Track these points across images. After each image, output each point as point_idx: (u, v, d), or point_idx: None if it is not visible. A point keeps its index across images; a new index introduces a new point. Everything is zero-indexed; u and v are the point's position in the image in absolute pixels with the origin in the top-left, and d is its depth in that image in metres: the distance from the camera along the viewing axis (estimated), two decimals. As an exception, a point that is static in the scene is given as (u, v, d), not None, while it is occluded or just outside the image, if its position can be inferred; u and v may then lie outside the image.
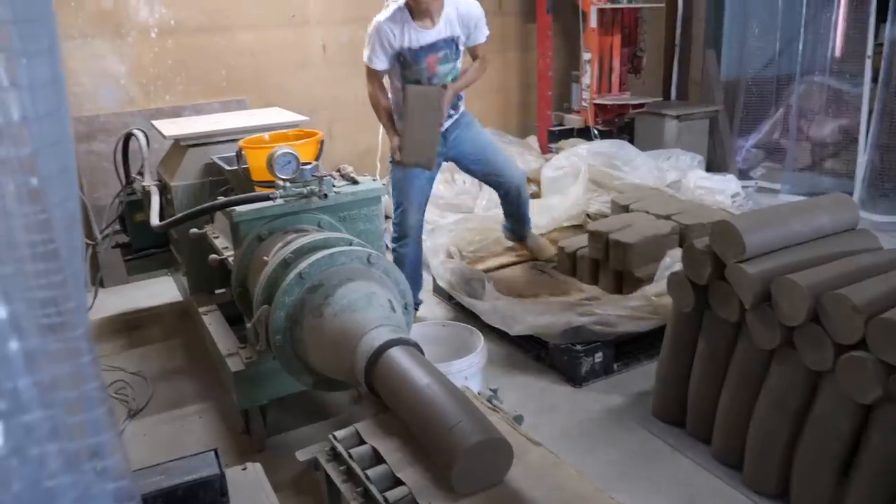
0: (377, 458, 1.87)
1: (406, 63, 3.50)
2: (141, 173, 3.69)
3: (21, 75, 0.59)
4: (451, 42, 3.52)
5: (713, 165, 6.13)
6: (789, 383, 2.37)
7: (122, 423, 3.15)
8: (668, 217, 3.97)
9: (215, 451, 1.56)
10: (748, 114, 6.37)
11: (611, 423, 3.03)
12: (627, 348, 3.45)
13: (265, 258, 2.52)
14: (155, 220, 3.21)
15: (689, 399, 2.85)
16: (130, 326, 4.18)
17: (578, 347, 3.28)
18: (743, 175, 6.06)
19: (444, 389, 1.74)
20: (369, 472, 1.80)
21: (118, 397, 3.36)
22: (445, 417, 1.64)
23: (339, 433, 2.02)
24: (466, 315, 3.86)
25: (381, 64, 3.49)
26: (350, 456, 1.88)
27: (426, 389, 1.73)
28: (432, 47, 3.47)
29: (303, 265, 2.30)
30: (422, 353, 2.05)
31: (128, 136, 3.83)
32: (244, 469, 1.65)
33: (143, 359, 3.75)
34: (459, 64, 3.64)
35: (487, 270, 4.15)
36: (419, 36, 3.44)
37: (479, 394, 2.25)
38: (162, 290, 4.56)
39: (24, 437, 0.52)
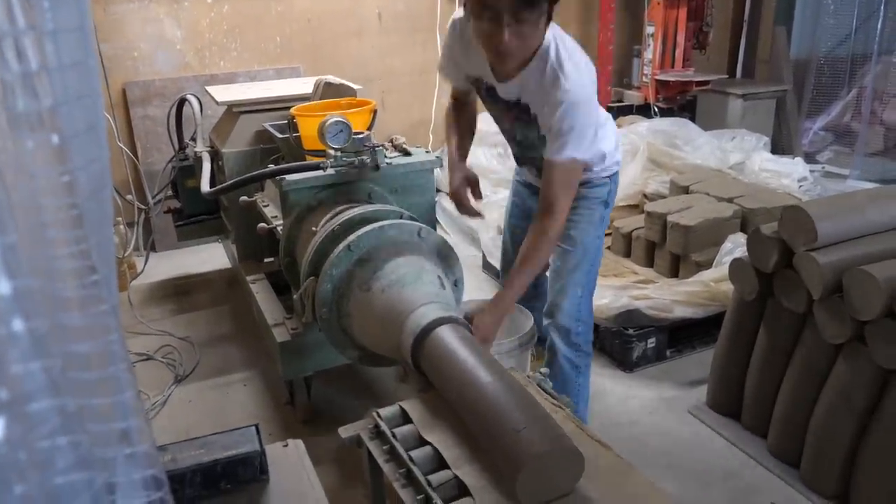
0: (421, 439, 1.81)
1: (482, 97, 2.41)
2: (194, 139, 3.68)
3: (42, 18, 0.53)
4: (526, 109, 2.23)
5: (777, 147, 5.89)
6: (857, 380, 2.25)
7: (169, 388, 3.18)
8: (729, 200, 3.83)
9: (256, 426, 1.52)
10: (818, 94, 6.12)
11: (663, 412, 2.93)
12: (682, 335, 3.34)
13: (314, 229, 2.47)
14: (205, 186, 3.19)
15: (747, 391, 2.74)
16: (180, 291, 4.21)
17: (631, 331, 3.19)
18: (808, 158, 5.81)
19: (502, 381, 1.64)
20: (413, 453, 1.74)
21: (166, 362, 3.39)
22: (508, 417, 1.52)
23: (383, 410, 1.96)
24: (516, 293, 3.78)
25: (448, 73, 2.47)
26: (394, 436, 1.83)
27: (483, 381, 1.62)
28: (501, 101, 2.30)
29: (351, 237, 2.24)
30: (471, 332, 1.99)
31: (181, 102, 3.82)
32: (285, 446, 1.60)
33: (191, 324, 3.77)
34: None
35: (539, 248, 4.05)
36: (486, 73, 2.26)
37: (528, 376, 2.17)
38: (212, 256, 4.59)
39: (32, 429, 0.46)
